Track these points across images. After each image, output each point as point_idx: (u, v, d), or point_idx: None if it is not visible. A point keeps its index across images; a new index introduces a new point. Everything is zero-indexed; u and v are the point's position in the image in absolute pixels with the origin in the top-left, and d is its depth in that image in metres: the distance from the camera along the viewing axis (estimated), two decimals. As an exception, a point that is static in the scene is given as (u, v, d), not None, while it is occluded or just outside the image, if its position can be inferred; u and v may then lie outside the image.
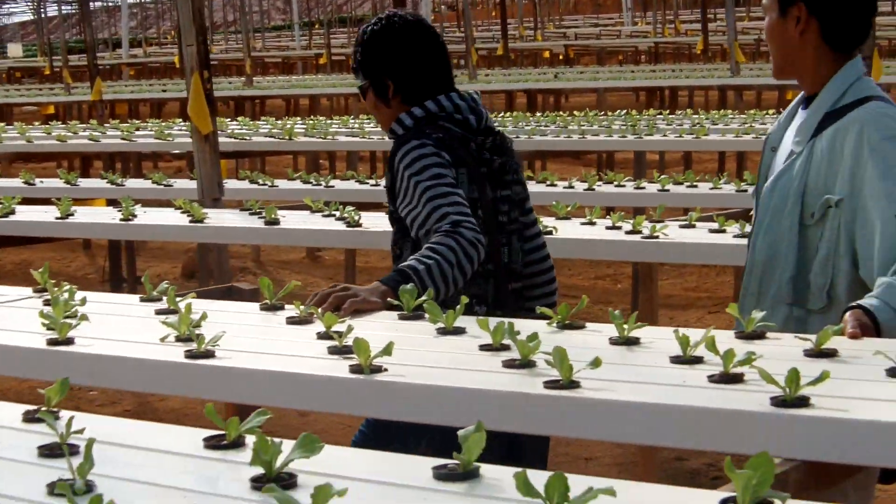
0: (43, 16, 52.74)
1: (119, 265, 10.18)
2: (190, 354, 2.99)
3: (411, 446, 2.97)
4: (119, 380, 3.21)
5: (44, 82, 34.60)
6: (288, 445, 2.05)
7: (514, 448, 3.43)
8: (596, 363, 2.53)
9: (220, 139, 9.06)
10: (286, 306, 3.57)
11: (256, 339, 3.22)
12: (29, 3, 56.49)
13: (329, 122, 15.23)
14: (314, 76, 31.92)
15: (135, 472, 2.17)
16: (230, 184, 8.61)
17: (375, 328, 3.20)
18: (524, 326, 2.97)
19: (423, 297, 3.28)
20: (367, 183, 8.48)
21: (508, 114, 15.59)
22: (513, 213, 3.85)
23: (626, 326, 2.94)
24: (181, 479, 2.14)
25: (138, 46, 55.50)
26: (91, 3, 30.03)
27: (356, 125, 13.76)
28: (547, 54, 37.47)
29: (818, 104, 3.36)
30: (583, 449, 6.18)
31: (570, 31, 49.68)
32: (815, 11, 3.35)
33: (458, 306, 3.22)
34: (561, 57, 37.42)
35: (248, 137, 12.87)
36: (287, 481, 2.07)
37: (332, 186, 8.30)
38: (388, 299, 3.40)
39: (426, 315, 3.19)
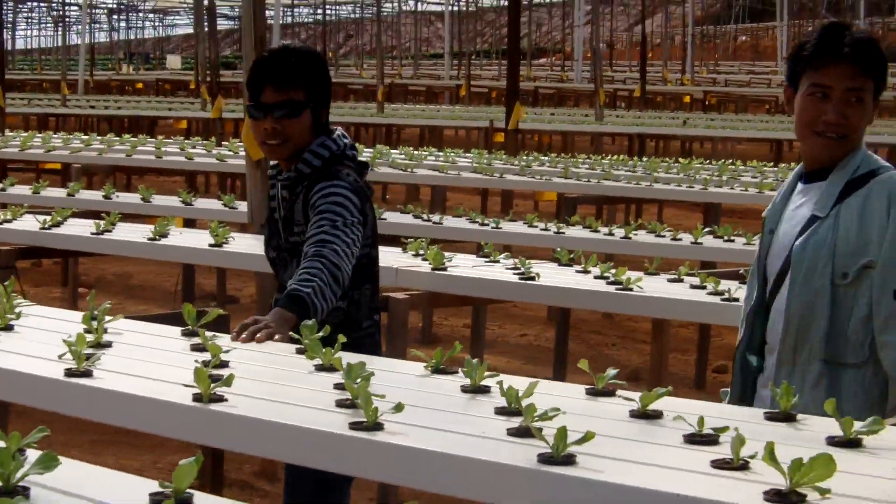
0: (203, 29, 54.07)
1: (192, 284, 10.35)
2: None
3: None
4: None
5: (188, 96, 35.61)
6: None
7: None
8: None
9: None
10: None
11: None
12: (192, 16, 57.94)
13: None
14: (443, 107, 32.28)
15: None
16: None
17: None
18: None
19: (320, 333, 3.52)
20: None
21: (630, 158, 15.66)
22: None
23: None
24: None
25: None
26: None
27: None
28: (687, 99, 37.25)
29: (839, 174, 3.54)
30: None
31: (721, 77, 49.28)
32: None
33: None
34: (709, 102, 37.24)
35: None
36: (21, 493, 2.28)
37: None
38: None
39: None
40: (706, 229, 7.42)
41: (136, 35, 77.79)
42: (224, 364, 3.33)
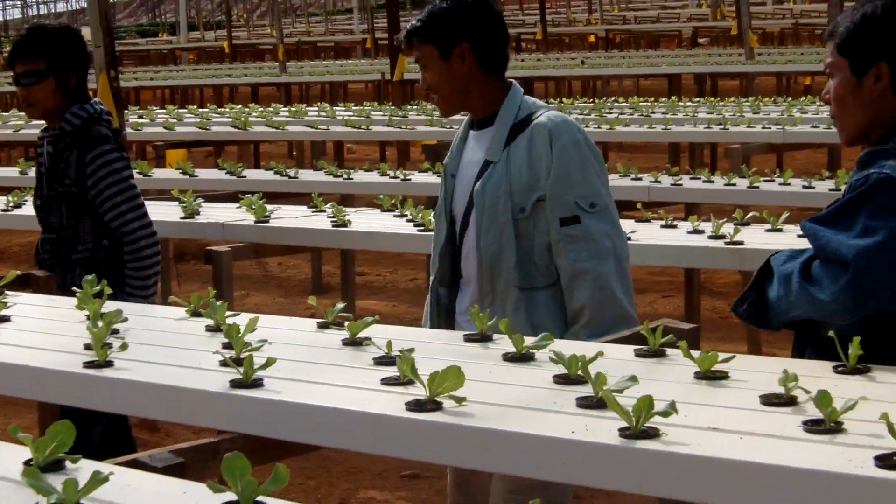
0: None
1: (321, 273, 10.36)
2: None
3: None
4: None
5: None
6: None
7: None
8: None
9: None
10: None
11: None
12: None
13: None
14: (349, 61, 32.37)
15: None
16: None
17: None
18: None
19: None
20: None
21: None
22: None
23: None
24: None
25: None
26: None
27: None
28: (592, 38, 37.51)
29: (502, 121, 3.89)
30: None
31: (631, 15, 49.47)
32: None
33: None
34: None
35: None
36: None
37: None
38: None
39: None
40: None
41: (51, 10, 76.92)
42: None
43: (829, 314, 2.82)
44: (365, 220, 6.28)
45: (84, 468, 2.34)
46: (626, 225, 5.32)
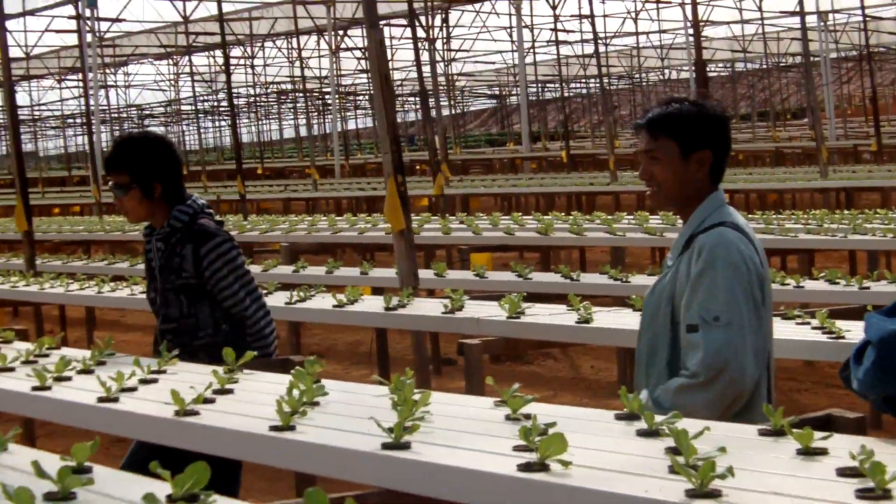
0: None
1: (386, 346, 10.84)
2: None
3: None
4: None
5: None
6: None
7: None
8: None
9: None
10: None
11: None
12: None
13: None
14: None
15: None
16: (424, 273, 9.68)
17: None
18: None
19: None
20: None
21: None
22: None
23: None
24: None
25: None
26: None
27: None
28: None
29: (686, 228, 4.16)
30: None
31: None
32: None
33: None
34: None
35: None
36: None
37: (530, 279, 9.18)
38: None
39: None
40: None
41: (403, 118, 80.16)
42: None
43: (858, 391, 3.03)
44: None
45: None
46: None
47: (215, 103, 68.17)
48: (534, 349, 8.42)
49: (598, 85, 44.00)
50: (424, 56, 27.44)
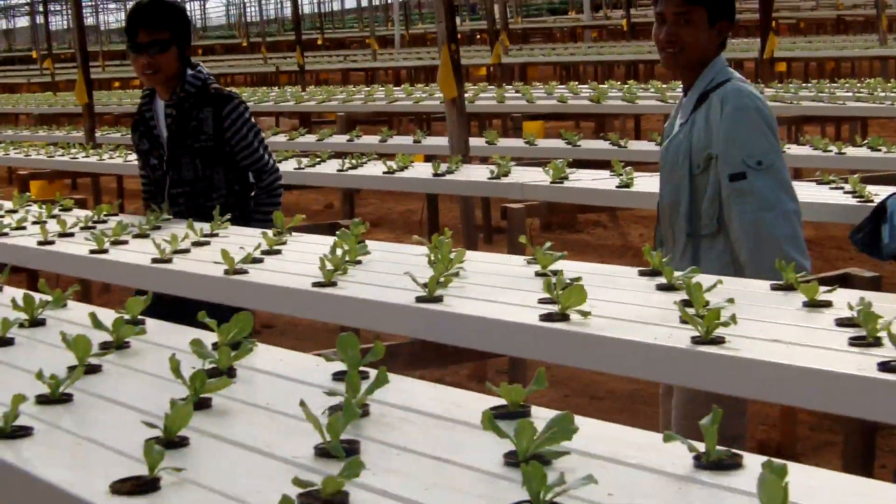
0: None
1: (437, 214, 11.09)
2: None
3: None
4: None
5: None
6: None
7: None
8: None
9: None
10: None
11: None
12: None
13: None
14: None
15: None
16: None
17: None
18: None
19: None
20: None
21: None
22: None
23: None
24: None
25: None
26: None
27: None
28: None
29: (696, 88, 4.39)
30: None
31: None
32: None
33: None
34: None
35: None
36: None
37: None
38: None
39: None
40: None
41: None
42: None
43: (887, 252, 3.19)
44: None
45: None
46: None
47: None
48: (582, 217, 8.53)
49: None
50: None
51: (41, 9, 46.22)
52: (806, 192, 5.84)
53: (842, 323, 2.94)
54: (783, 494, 1.65)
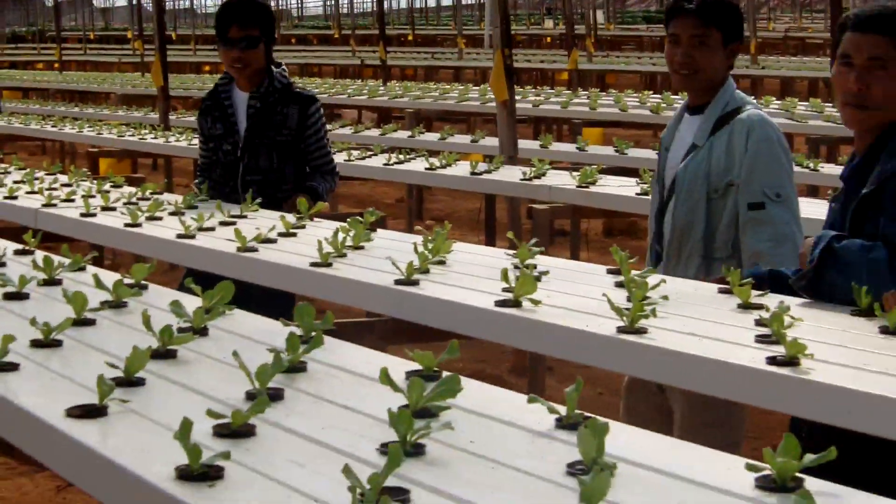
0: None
1: (493, 212, 11.30)
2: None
3: None
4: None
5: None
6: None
7: None
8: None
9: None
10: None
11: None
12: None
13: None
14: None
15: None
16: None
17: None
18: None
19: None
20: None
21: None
22: None
23: None
24: None
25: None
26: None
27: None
28: None
29: (712, 110, 4.56)
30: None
31: None
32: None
33: None
34: None
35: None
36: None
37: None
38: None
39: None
40: None
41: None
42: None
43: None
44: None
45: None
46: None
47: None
48: (643, 224, 8.78)
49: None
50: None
51: (137, -10, 47.06)
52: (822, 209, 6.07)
53: (761, 323, 3.24)
54: (598, 445, 2.01)
